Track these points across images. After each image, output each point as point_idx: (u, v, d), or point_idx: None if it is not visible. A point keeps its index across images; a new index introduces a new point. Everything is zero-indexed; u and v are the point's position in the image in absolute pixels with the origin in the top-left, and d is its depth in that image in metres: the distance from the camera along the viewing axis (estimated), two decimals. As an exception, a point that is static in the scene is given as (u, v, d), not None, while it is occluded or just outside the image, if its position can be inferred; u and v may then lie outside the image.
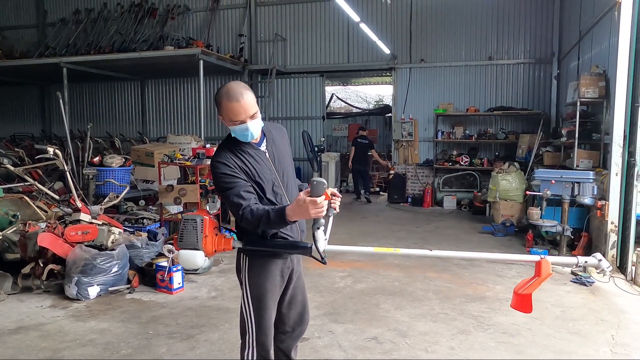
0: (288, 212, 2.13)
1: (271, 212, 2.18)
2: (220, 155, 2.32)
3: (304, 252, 2.34)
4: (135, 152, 8.52)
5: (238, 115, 2.23)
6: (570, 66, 8.95)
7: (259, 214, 2.20)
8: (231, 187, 2.27)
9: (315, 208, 2.07)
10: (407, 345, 3.69)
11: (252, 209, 2.22)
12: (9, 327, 4.05)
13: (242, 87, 2.25)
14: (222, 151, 2.34)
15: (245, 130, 2.28)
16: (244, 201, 2.25)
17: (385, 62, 11.58)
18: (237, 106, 2.22)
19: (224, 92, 2.24)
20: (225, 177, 2.28)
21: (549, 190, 6.04)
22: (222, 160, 2.30)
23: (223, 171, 2.28)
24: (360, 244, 6.93)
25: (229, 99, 2.22)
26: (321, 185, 2.08)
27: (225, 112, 2.25)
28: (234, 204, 2.26)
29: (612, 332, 3.94)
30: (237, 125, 2.27)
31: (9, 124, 15.21)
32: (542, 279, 2.12)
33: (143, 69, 12.35)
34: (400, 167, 11.57)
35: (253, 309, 2.43)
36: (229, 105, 2.22)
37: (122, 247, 4.99)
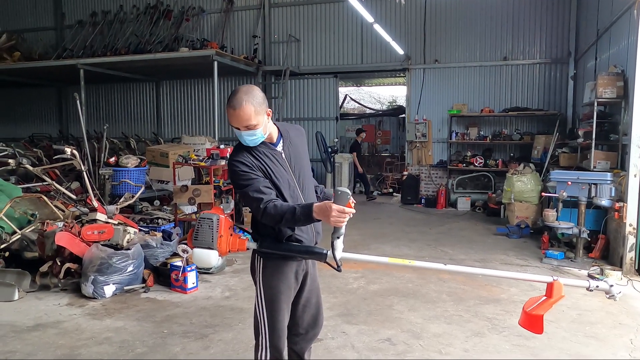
0: (315, 209, 2.16)
1: (297, 208, 2.21)
2: (237, 154, 2.36)
3: (320, 258, 2.34)
4: (150, 153, 8.61)
5: (233, 122, 2.28)
6: (587, 66, 8.83)
7: (283, 209, 2.22)
8: (250, 184, 2.30)
9: (337, 216, 2.13)
10: (420, 347, 3.68)
11: (275, 204, 2.24)
12: (27, 325, 4.11)
13: (245, 96, 2.24)
14: (239, 150, 2.38)
15: (239, 136, 2.34)
16: (264, 195, 2.27)
17: (399, 63, 11.54)
18: (232, 113, 2.26)
19: (231, 95, 2.28)
20: (243, 175, 2.31)
21: (565, 191, 5.96)
22: (239, 159, 2.34)
23: (241, 169, 2.32)
24: (373, 246, 6.91)
25: (229, 104, 2.26)
26: (345, 195, 2.13)
27: (228, 113, 2.30)
28: (254, 199, 2.28)
29: (631, 336, 3.88)
30: (235, 129, 2.33)
31: (27, 124, 15.46)
32: (554, 301, 2.10)
33: (158, 70, 12.47)
34: (414, 168, 11.51)
35: (266, 311, 2.45)
36: (228, 110, 2.27)
37: (137, 247, 5.04)
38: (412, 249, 6.75)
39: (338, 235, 2.22)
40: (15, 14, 14.98)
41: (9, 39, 12.84)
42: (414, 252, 6.58)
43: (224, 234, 2.36)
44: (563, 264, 5.89)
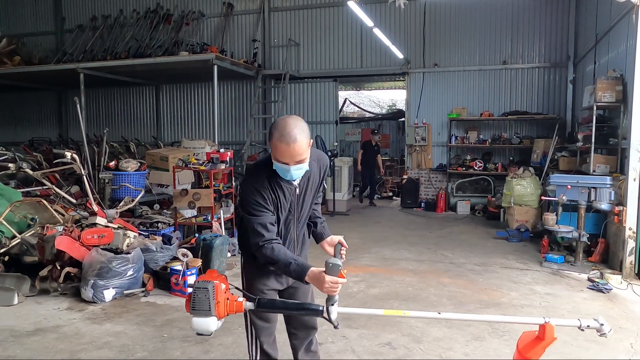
0: (309, 274, 2.21)
1: (292, 264, 2.24)
2: (257, 181, 2.31)
3: (316, 314, 2.32)
4: (150, 157, 8.61)
5: (284, 157, 2.20)
6: (587, 70, 8.86)
7: (279, 257, 2.25)
8: (258, 216, 2.30)
9: (330, 287, 2.16)
10: (421, 351, 3.67)
11: (273, 247, 2.26)
12: (27, 329, 4.11)
13: (297, 129, 2.17)
14: (259, 177, 2.32)
15: (286, 171, 2.26)
16: (267, 233, 2.28)
17: (399, 67, 11.56)
18: (286, 149, 2.17)
19: (279, 129, 2.17)
20: (255, 205, 2.29)
21: (565, 195, 5.97)
22: (258, 188, 2.30)
23: (256, 199, 2.29)
24: (374, 250, 6.91)
25: (281, 139, 2.15)
26: (337, 267, 2.17)
27: (274, 148, 2.20)
28: (257, 232, 2.29)
29: (631, 340, 3.88)
30: (280, 164, 2.24)
31: (27, 128, 15.46)
32: (546, 344, 2.11)
33: (158, 74, 12.48)
34: (413, 171, 11.53)
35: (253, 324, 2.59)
36: (280, 145, 2.17)
37: (137, 251, 5.04)
38: (412, 253, 6.75)
39: (332, 302, 2.24)
40: (16, 18, 15.02)
41: (9, 43, 12.86)
42: (414, 256, 6.58)
43: (221, 300, 2.39)
44: (563, 268, 5.89)
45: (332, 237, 2.62)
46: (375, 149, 11.46)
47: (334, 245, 2.56)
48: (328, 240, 2.62)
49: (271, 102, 12.59)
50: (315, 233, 2.67)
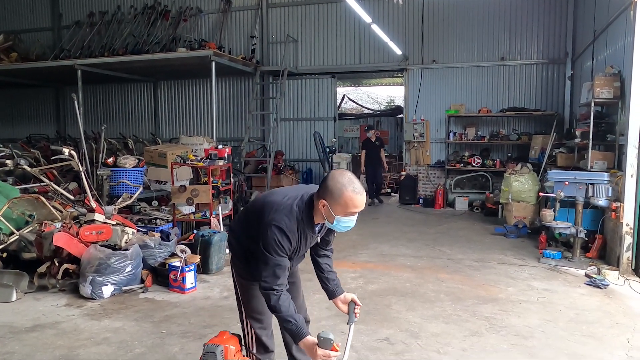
0: (305, 341, 2.30)
1: (293, 323, 2.31)
2: (290, 226, 2.31)
3: None
4: (148, 153, 8.60)
5: (358, 206, 2.26)
6: (585, 66, 8.86)
7: (282, 309, 2.30)
8: (279, 257, 2.31)
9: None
10: (418, 347, 3.69)
11: (281, 297, 2.31)
12: (25, 325, 4.11)
13: (360, 182, 2.30)
14: (292, 221, 2.32)
15: (351, 222, 2.32)
16: (283, 279, 2.34)
17: (397, 63, 11.55)
18: (360, 199, 2.25)
19: (348, 183, 2.24)
20: (280, 248, 2.30)
21: (563, 191, 5.98)
22: (289, 234, 2.31)
23: (282, 243, 2.30)
24: (372, 246, 6.93)
25: (355, 192, 2.23)
26: (329, 342, 2.25)
27: (345, 201, 2.23)
28: (274, 274, 2.31)
29: (628, 336, 3.90)
30: (347, 216, 2.29)
31: (25, 125, 15.42)
32: None
33: (156, 71, 12.45)
34: (411, 168, 11.53)
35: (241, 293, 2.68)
36: (354, 196, 2.23)
37: (136, 247, 5.04)
38: (410, 249, 6.76)
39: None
40: (12, 14, 14.95)
41: (6, 39, 12.82)
42: (412, 252, 6.60)
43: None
44: (560, 264, 5.91)
45: (345, 295, 2.64)
46: (377, 144, 11.13)
47: (347, 303, 2.61)
48: (341, 298, 2.64)
49: (269, 99, 12.57)
50: (328, 290, 2.66)
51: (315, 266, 2.69)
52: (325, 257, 2.68)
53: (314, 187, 2.48)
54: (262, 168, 11.57)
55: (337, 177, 2.26)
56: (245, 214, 2.67)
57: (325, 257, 2.67)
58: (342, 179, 2.25)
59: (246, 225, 2.58)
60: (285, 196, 2.41)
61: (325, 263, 2.67)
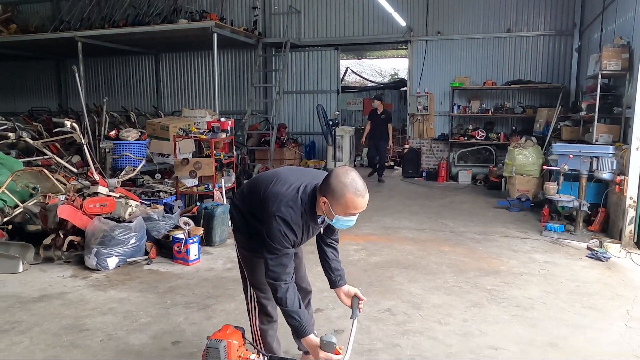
0: (307, 340, 2.35)
1: (297, 321, 2.34)
2: (294, 217, 2.30)
3: None
4: (151, 126, 8.57)
5: (358, 208, 2.25)
6: (593, 38, 8.69)
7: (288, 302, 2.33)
8: (285, 248, 2.32)
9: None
10: (420, 317, 3.73)
11: (289, 289, 2.34)
12: (32, 296, 4.17)
13: (365, 184, 2.25)
14: (296, 212, 2.31)
15: (350, 222, 2.32)
16: (289, 269, 2.36)
17: (401, 35, 11.37)
18: (362, 201, 2.22)
19: (350, 184, 2.19)
20: (286, 239, 2.30)
21: (567, 164, 5.95)
22: (293, 227, 2.30)
23: (287, 234, 2.30)
24: (375, 219, 6.94)
25: (356, 194, 2.19)
26: (331, 345, 2.27)
27: (346, 202, 2.21)
28: (281, 264, 2.33)
29: (628, 307, 3.93)
30: (346, 216, 2.28)
31: (26, 98, 15.36)
32: None
33: (157, 43, 12.30)
34: (415, 141, 11.47)
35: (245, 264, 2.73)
36: (355, 198, 2.20)
37: (139, 220, 5.07)
38: (413, 222, 6.78)
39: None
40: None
41: (5, 11, 12.63)
42: (414, 225, 6.62)
43: (233, 357, 2.47)
44: (562, 237, 5.93)
45: (348, 288, 2.65)
46: (382, 117, 10.25)
47: (350, 296, 2.62)
48: (344, 289, 2.65)
49: (272, 71, 12.44)
50: (330, 279, 2.67)
51: (320, 254, 2.69)
52: (331, 247, 2.68)
53: (317, 175, 2.47)
54: (265, 141, 11.54)
55: (341, 176, 2.22)
56: (248, 192, 2.64)
57: (330, 247, 2.67)
58: (345, 179, 2.21)
59: (249, 203, 2.58)
60: (289, 186, 2.37)
61: (330, 251, 2.67)
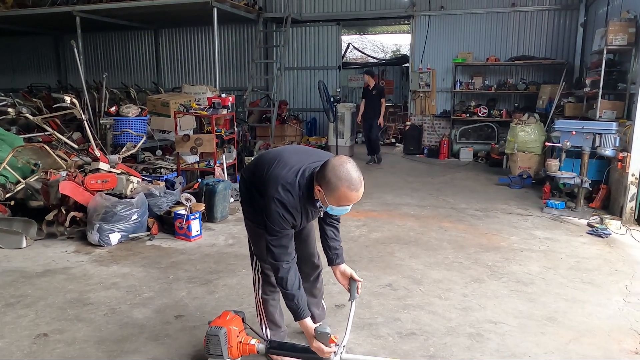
0: (304, 323, 2.41)
1: (294, 303, 2.39)
2: (293, 204, 2.33)
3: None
4: (151, 102, 8.51)
5: (352, 201, 2.26)
6: (599, 12, 8.55)
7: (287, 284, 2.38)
8: (284, 230, 2.36)
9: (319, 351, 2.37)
10: (420, 292, 3.77)
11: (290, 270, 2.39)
12: (36, 270, 4.21)
13: (359, 173, 2.23)
14: (296, 198, 2.33)
15: (344, 210, 2.34)
16: (290, 250, 2.41)
17: (404, 10, 11.20)
18: (356, 195, 2.23)
19: (345, 177, 2.18)
20: (285, 221, 2.34)
21: (569, 141, 5.91)
22: (291, 210, 2.33)
23: (286, 216, 2.33)
24: (376, 195, 6.95)
25: (350, 188, 2.19)
26: (325, 336, 2.32)
27: (339, 195, 2.21)
28: (281, 245, 2.38)
29: (626, 282, 3.96)
30: (339, 207, 2.30)
31: (25, 75, 15.26)
32: None
33: (156, 18, 12.13)
34: (416, 118, 11.40)
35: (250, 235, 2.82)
36: (349, 193, 2.20)
37: (141, 196, 5.08)
38: (414, 199, 6.79)
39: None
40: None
41: (1, -16, 12.41)
42: (415, 202, 6.63)
43: (234, 344, 2.55)
44: (563, 214, 5.94)
45: (344, 268, 2.67)
46: (373, 93, 9.51)
47: (346, 276, 2.65)
48: (340, 268, 2.67)
49: (273, 47, 12.30)
50: (328, 256, 2.70)
51: (320, 232, 2.71)
52: (331, 226, 2.69)
53: (320, 156, 2.47)
54: (266, 118, 11.48)
55: (336, 168, 2.20)
56: (254, 168, 2.65)
57: (331, 226, 2.69)
58: (340, 172, 2.19)
59: (254, 178, 2.60)
60: (290, 168, 2.37)
61: (330, 230, 2.68)
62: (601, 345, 3.00)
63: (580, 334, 3.13)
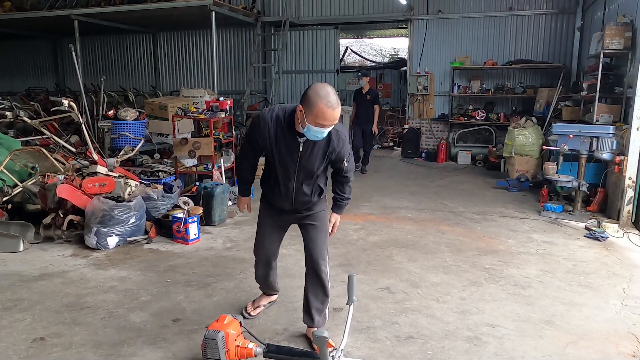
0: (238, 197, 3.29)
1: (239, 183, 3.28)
2: (265, 118, 2.68)
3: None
4: (149, 106, 8.51)
5: (326, 120, 2.45)
6: (595, 17, 8.59)
7: (239, 170, 3.28)
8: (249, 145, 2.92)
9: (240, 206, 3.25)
10: (418, 295, 3.76)
11: (241, 165, 3.14)
12: (34, 274, 4.20)
13: (337, 97, 2.46)
14: (273, 116, 2.67)
15: (320, 132, 2.52)
16: (247, 160, 3.05)
17: (402, 14, 11.22)
18: (332, 113, 2.43)
19: (324, 96, 2.41)
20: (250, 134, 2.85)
21: (567, 145, 5.94)
22: (261, 122, 2.69)
23: (254, 128, 2.77)
24: (374, 199, 6.96)
25: (328, 105, 2.40)
26: (323, 340, 2.38)
27: (316, 112, 2.42)
28: (244, 151, 3.03)
29: (624, 286, 3.96)
30: (316, 127, 2.48)
31: (23, 78, 15.23)
32: None
33: (154, 21, 12.14)
34: (414, 121, 11.42)
35: (257, 227, 3.20)
36: (325, 109, 2.41)
37: (139, 199, 5.07)
38: (412, 202, 6.80)
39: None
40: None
41: (-1, -12, 12.42)
42: (413, 205, 6.63)
43: (231, 348, 2.58)
44: (561, 217, 5.95)
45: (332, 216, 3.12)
46: (367, 97, 8.78)
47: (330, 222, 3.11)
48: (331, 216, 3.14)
49: (271, 51, 12.31)
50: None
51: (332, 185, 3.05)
52: (339, 183, 3.02)
53: None
54: (264, 121, 11.45)
55: (317, 88, 2.45)
56: None
57: (338, 183, 3.03)
58: (321, 90, 2.43)
59: None
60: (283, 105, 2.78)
61: (337, 186, 3.04)
62: (599, 349, 3.01)
63: (578, 337, 3.13)
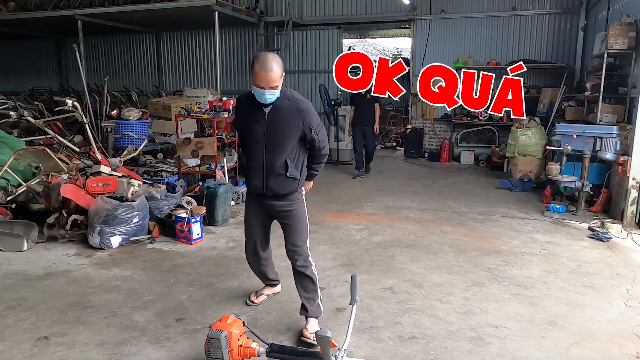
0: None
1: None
2: (242, 98, 3.14)
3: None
4: (153, 106, 8.53)
5: (262, 82, 2.78)
6: (599, 16, 8.57)
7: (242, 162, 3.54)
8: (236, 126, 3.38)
9: None
10: (421, 296, 3.76)
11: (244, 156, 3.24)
12: (38, 273, 4.21)
13: (274, 62, 2.77)
14: (245, 95, 3.07)
15: (262, 94, 2.85)
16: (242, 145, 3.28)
17: (405, 14, 11.21)
18: (265, 76, 2.76)
19: (261, 61, 2.76)
20: (235, 117, 3.33)
21: (570, 145, 5.92)
22: (238, 104, 3.19)
23: (235, 112, 3.26)
24: (377, 199, 6.96)
25: (261, 68, 2.75)
26: (326, 340, 2.38)
27: (255, 75, 2.78)
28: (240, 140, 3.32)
29: (627, 286, 3.95)
30: (258, 88, 2.83)
31: (27, 78, 15.28)
32: None
33: (158, 21, 12.17)
34: (417, 121, 11.41)
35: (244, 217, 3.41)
36: (260, 72, 2.76)
37: (142, 199, 5.09)
38: (415, 202, 6.79)
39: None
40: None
41: (3, -12, 12.47)
42: (416, 205, 6.63)
43: (235, 347, 2.60)
44: (564, 217, 5.93)
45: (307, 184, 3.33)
46: (367, 97, 8.20)
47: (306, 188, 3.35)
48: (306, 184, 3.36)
49: (274, 50, 12.30)
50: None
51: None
52: (312, 156, 3.19)
53: None
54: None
55: (260, 55, 2.81)
56: None
57: (311, 156, 3.19)
58: (261, 57, 2.79)
59: None
60: None
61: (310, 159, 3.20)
62: (602, 350, 3.00)
63: (582, 338, 3.13)
